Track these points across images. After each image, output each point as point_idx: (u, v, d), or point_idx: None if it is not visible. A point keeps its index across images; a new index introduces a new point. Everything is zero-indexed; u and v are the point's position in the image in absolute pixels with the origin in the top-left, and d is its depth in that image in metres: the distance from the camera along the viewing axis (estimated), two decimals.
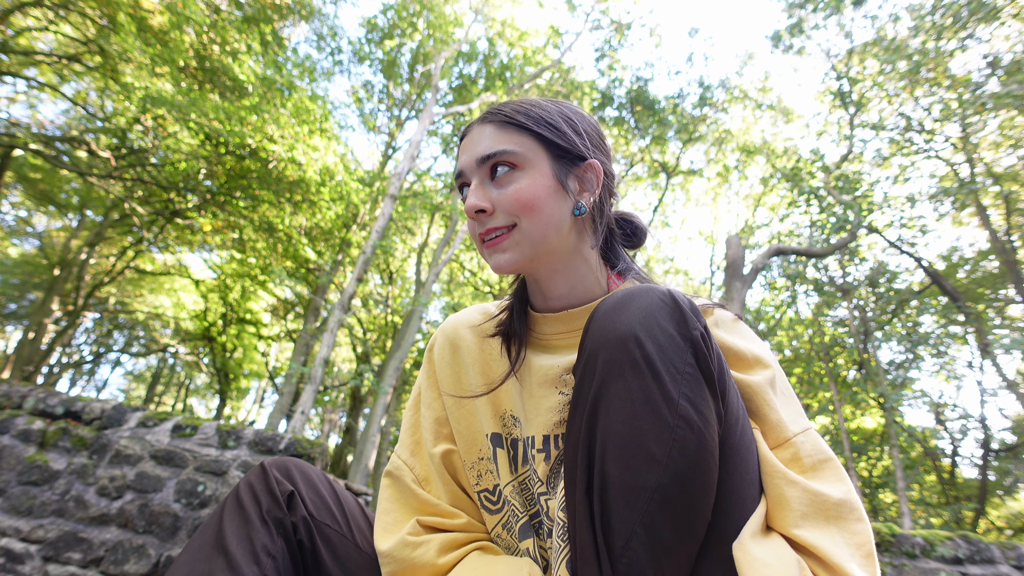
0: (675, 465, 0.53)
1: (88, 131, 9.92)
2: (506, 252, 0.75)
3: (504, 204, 0.75)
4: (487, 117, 0.80)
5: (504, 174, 0.75)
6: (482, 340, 0.88)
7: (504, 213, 0.75)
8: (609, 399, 0.57)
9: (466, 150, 0.79)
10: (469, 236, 8.28)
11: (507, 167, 0.75)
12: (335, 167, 9.77)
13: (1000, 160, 10.09)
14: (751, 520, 0.60)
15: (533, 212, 0.74)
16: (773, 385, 0.72)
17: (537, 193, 0.74)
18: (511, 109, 0.79)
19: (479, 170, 0.77)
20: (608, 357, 0.58)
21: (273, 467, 0.78)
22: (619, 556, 0.53)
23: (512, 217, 0.74)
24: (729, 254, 8.08)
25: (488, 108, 0.82)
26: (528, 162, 0.76)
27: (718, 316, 0.80)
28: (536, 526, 0.78)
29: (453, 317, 0.94)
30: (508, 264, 0.75)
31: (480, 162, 0.76)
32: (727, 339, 0.76)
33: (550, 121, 0.79)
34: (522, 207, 0.74)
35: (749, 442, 0.63)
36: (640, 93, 11.58)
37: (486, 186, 0.76)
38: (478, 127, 0.79)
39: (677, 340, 0.58)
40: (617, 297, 0.63)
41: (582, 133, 0.81)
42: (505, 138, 0.76)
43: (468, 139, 0.80)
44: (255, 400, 21.33)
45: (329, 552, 0.76)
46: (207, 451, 2.66)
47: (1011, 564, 2.59)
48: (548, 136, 0.77)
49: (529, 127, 0.77)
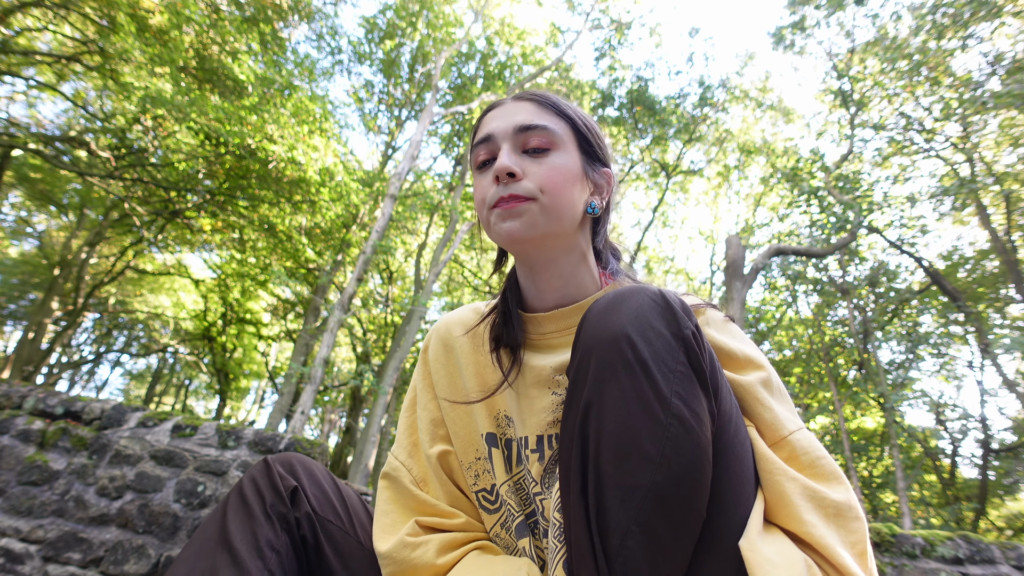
0: (669, 463, 0.53)
1: (88, 131, 9.92)
2: (519, 218, 0.74)
3: (536, 175, 0.75)
4: (525, 96, 0.81)
5: (540, 149, 0.77)
6: (476, 342, 0.88)
7: (531, 183, 0.75)
8: (603, 399, 0.57)
9: (497, 118, 0.79)
10: (470, 234, 8.19)
11: (543, 142, 0.77)
12: (335, 167, 9.77)
13: (1000, 159, 10.09)
14: (754, 516, 0.60)
15: (559, 191, 0.75)
16: (767, 385, 0.72)
17: (567, 175, 0.76)
18: (551, 95, 0.81)
19: (514, 138, 0.77)
20: (601, 357, 0.58)
21: (277, 462, 0.78)
22: (615, 555, 0.53)
23: (537, 189, 0.75)
24: (729, 254, 8.08)
25: (524, 90, 0.83)
26: (563, 145, 0.78)
27: (709, 316, 0.81)
28: (532, 525, 0.78)
29: (446, 317, 0.94)
30: (517, 232, 0.74)
31: (519, 130, 0.77)
32: (718, 338, 0.77)
33: (584, 118, 0.82)
34: (551, 183, 0.75)
35: (743, 439, 0.64)
36: (640, 93, 11.58)
37: (519, 155, 0.77)
38: (513, 103, 0.80)
39: (669, 339, 0.58)
40: (609, 297, 0.63)
41: (602, 142, 0.84)
42: (546, 116, 0.78)
43: (500, 110, 0.80)
44: (255, 400, 21.34)
45: (332, 548, 0.76)
46: (207, 451, 2.66)
47: (1011, 564, 2.59)
48: (582, 130, 0.80)
49: (568, 115, 0.80)
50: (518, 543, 0.78)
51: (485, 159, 0.80)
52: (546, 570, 0.74)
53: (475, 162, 0.81)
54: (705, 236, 15.26)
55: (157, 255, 14.20)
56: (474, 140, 0.81)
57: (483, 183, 0.79)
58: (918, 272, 10.81)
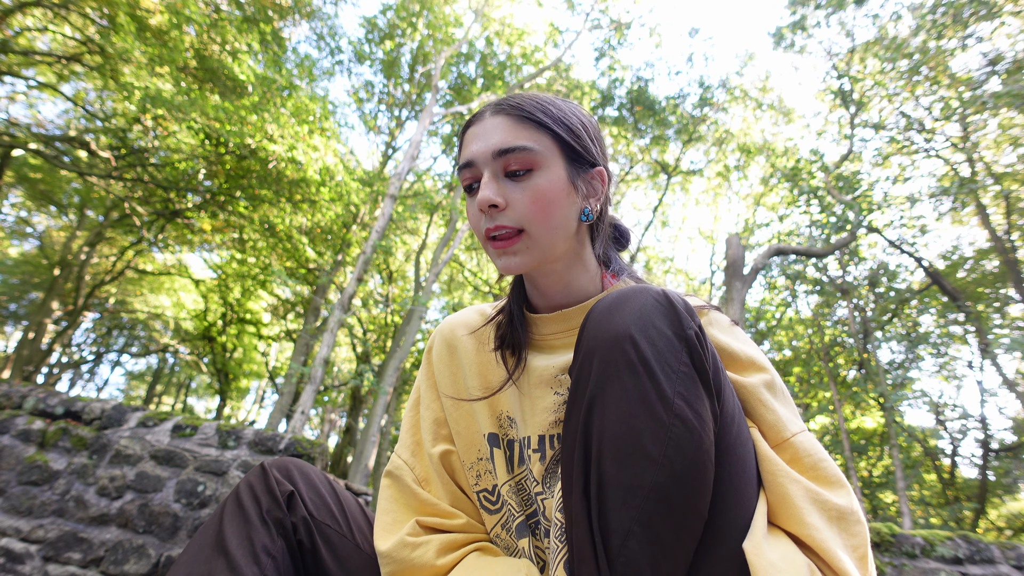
0: (671, 464, 0.53)
1: (88, 131, 9.92)
2: (516, 256, 0.74)
3: (518, 204, 0.73)
4: (502, 108, 0.76)
5: (521, 171, 0.73)
6: (479, 342, 0.88)
7: (516, 213, 0.73)
8: (605, 399, 0.57)
9: (477, 138, 0.76)
10: (470, 234, 8.21)
11: (524, 164, 0.73)
12: (335, 167, 9.77)
13: (1000, 159, 10.09)
14: (757, 518, 0.60)
15: (545, 217, 0.73)
16: (769, 387, 0.72)
17: (551, 196, 0.73)
18: (529, 104, 0.76)
19: (494, 163, 0.74)
20: (604, 357, 0.58)
21: (273, 467, 0.78)
22: (616, 555, 0.53)
23: (523, 220, 0.73)
24: (729, 254, 8.08)
25: (501, 98, 0.78)
26: (545, 162, 0.74)
27: (713, 317, 0.81)
28: (532, 526, 0.78)
29: (451, 318, 0.94)
30: (517, 268, 0.75)
31: (496, 155, 0.73)
32: (722, 339, 0.77)
33: (567, 123, 0.77)
34: (536, 210, 0.73)
35: (745, 440, 0.64)
36: (640, 93, 11.57)
37: (500, 180, 0.74)
38: (491, 117, 0.76)
39: (672, 340, 0.58)
40: (612, 297, 0.63)
41: (594, 139, 0.80)
42: (523, 133, 0.74)
43: (479, 127, 0.76)
44: (255, 400, 21.33)
45: (329, 552, 0.77)
46: (207, 451, 2.66)
47: (1011, 564, 2.59)
48: (565, 138, 0.76)
49: (548, 126, 0.75)
50: (518, 543, 0.78)
51: (470, 183, 0.77)
52: (547, 571, 0.74)
53: (463, 184, 0.79)
54: (705, 236, 15.26)
55: (157, 255, 14.19)
56: (458, 162, 0.78)
57: (472, 209, 0.77)
58: (918, 272, 10.81)
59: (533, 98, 0.77)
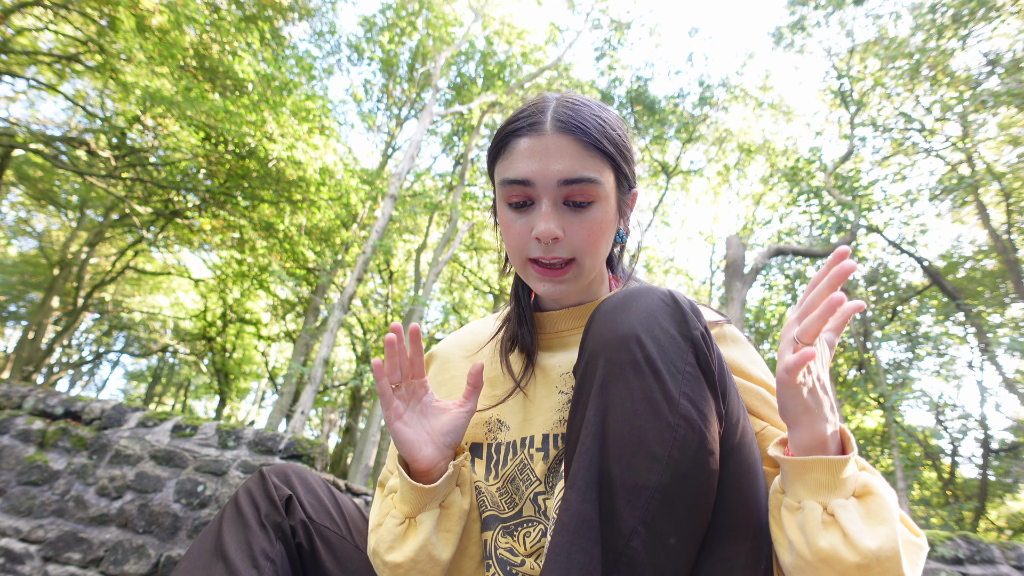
0: (676, 464, 0.54)
1: (88, 131, 9.92)
2: (562, 284, 0.74)
3: (575, 237, 0.71)
4: (566, 127, 0.70)
5: (584, 204, 0.71)
6: (479, 357, 0.89)
7: (571, 244, 0.72)
8: (610, 398, 0.57)
9: (537, 156, 0.70)
10: (470, 234, 8.19)
11: (587, 197, 0.71)
12: (335, 166, 9.77)
13: (1000, 158, 10.09)
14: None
15: (597, 248, 0.73)
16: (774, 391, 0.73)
17: (605, 228, 0.73)
18: (595, 126, 0.71)
19: (556, 191, 0.70)
20: (609, 357, 0.58)
21: (271, 473, 0.80)
22: (620, 555, 0.53)
23: (577, 250, 0.72)
24: (729, 254, 8.08)
25: (563, 109, 0.72)
26: (604, 194, 0.72)
27: (726, 331, 0.81)
28: (512, 528, 0.76)
29: (447, 340, 0.96)
30: (559, 294, 0.75)
31: (561, 184, 0.70)
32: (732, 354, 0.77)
33: (623, 147, 0.75)
34: (591, 242, 0.72)
35: (750, 441, 0.64)
36: (640, 93, 11.57)
37: (559, 209, 0.72)
38: (555, 135, 0.70)
39: (678, 340, 0.58)
40: (618, 298, 0.63)
41: (634, 158, 0.79)
42: (590, 163, 0.70)
43: (538, 142, 0.70)
44: (255, 400, 21.31)
45: (328, 553, 0.78)
46: (207, 451, 2.66)
47: (1011, 564, 2.59)
48: (622, 166, 0.74)
49: (611, 154, 0.72)
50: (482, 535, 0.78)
51: (520, 200, 0.73)
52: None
53: (505, 198, 0.74)
54: (705, 236, 15.25)
55: (157, 255, 14.19)
56: (506, 175, 0.72)
57: (517, 227, 0.73)
58: (918, 272, 10.81)
59: (596, 116, 0.73)
